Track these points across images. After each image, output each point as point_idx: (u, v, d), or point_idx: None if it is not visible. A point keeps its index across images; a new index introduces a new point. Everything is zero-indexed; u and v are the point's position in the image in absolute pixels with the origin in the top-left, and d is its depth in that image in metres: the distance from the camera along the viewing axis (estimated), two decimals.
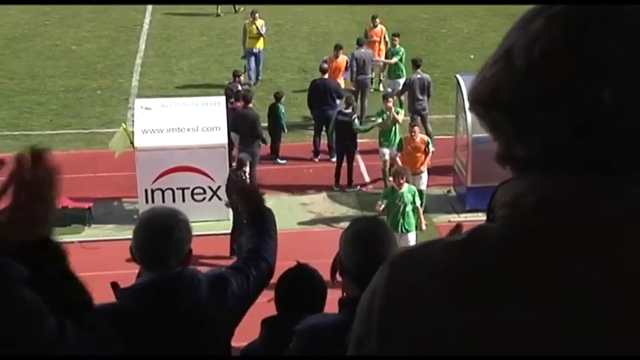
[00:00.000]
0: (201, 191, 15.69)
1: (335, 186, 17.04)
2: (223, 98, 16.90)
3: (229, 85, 18.58)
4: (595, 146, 1.25)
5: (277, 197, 16.68)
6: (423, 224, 13.83)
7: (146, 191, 15.52)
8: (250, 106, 17.08)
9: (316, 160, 18.29)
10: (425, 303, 1.27)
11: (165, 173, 15.52)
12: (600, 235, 1.24)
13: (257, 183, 4.41)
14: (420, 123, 17.70)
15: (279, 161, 18.08)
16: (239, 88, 18.08)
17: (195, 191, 15.68)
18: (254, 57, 22.23)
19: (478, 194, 14.16)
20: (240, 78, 18.97)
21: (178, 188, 15.60)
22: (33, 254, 1.90)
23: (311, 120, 19.00)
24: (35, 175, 1.98)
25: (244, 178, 14.54)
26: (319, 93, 18.21)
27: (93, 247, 13.91)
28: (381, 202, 13.71)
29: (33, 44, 25.87)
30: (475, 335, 1.24)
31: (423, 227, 13.76)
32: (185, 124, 15.84)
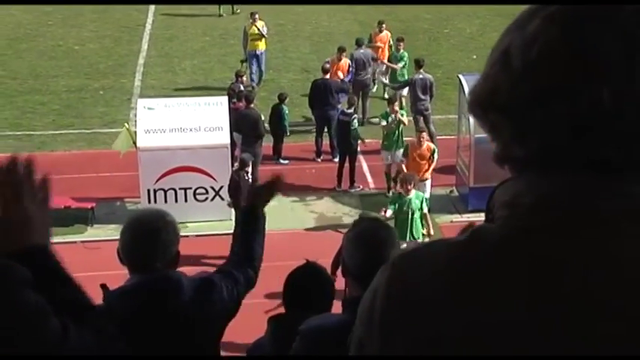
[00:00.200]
0: (203, 191, 15.69)
1: (337, 186, 17.03)
2: (226, 98, 16.88)
3: (231, 86, 18.54)
4: (593, 146, 1.25)
5: (279, 197, 16.67)
6: (432, 230, 13.65)
7: (148, 191, 15.53)
8: (252, 106, 17.08)
9: (319, 161, 18.27)
10: (426, 303, 1.28)
11: (167, 173, 15.52)
12: (599, 235, 1.24)
13: (274, 182, 4.38)
14: (424, 123, 17.70)
15: (281, 161, 18.07)
16: (241, 89, 18.07)
17: (197, 191, 15.68)
18: (256, 59, 22.05)
19: (480, 194, 14.14)
20: (242, 78, 18.95)
21: (181, 188, 15.60)
22: (27, 260, 1.88)
23: (312, 120, 18.98)
24: (28, 180, 1.95)
25: (247, 179, 14.54)
26: (320, 93, 18.17)
27: (95, 247, 13.92)
28: (388, 209, 13.46)
29: (35, 44, 25.88)
30: (475, 335, 1.24)
31: (432, 233, 13.60)
32: (187, 124, 15.83)
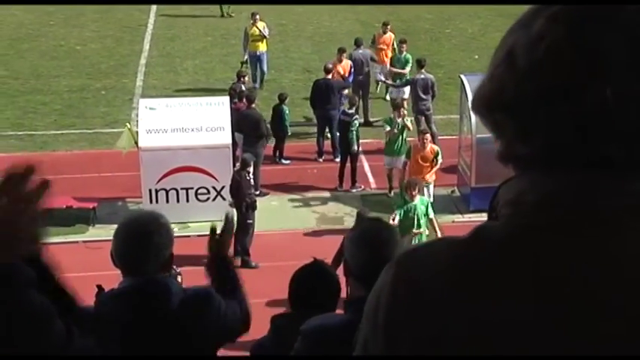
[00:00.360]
0: (205, 191, 15.70)
1: (338, 186, 17.02)
2: (227, 98, 16.88)
3: (233, 86, 18.53)
4: (597, 145, 1.26)
5: (281, 197, 16.71)
6: (439, 235, 13.56)
7: (150, 191, 15.54)
8: (254, 107, 17.08)
9: (320, 161, 18.27)
10: (431, 301, 1.28)
11: (169, 173, 15.53)
12: (603, 233, 1.24)
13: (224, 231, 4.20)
14: (425, 123, 17.69)
15: (283, 161, 18.08)
16: (242, 89, 18.07)
17: (199, 191, 15.69)
18: (257, 60, 21.90)
19: (482, 195, 14.14)
20: (244, 79, 18.94)
21: (182, 188, 15.61)
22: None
23: (314, 120, 18.97)
24: (18, 191, 1.92)
25: (248, 179, 14.56)
26: (322, 93, 18.16)
27: (97, 247, 13.90)
28: (396, 215, 13.25)
29: (37, 44, 25.89)
30: (478, 334, 1.24)
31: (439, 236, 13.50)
32: (189, 124, 15.84)
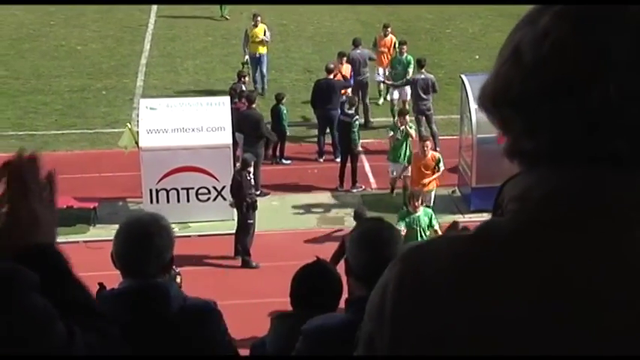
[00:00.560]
0: (205, 191, 15.70)
1: (339, 186, 17.02)
2: (228, 98, 16.89)
3: (233, 86, 18.53)
4: (603, 140, 1.26)
5: (282, 197, 16.71)
6: None
7: (151, 191, 15.54)
8: (254, 107, 17.08)
9: (321, 161, 18.26)
10: (435, 296, 1.28)
11: (169, 173, 15.53)
12: (608, 229, 1.25)
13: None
14: (426, 123, 17.68)
15: (283, 161, 18.08)
16: (243, 89, 18.06)
17: (199, 191, 15.69)
18: (257, 62, 21.63)
19: (483, 195, 14.14)
20: (244, 79, 18.93)
21: (183, 188, 15.62)
22: (35, 260, 1.86)
23: (315, 120, 18.96)
24: (34, 178, 1.95)
25: (249, 179, 14.56)
26: (323, 93, 18.13)
27: (98, 247, 13.90)
28: (399, 227, 12.84)
29: (38, 44, 25.88)
30: (482, 331, 1.24)
31: None
32: (190, 124, 15.85)
